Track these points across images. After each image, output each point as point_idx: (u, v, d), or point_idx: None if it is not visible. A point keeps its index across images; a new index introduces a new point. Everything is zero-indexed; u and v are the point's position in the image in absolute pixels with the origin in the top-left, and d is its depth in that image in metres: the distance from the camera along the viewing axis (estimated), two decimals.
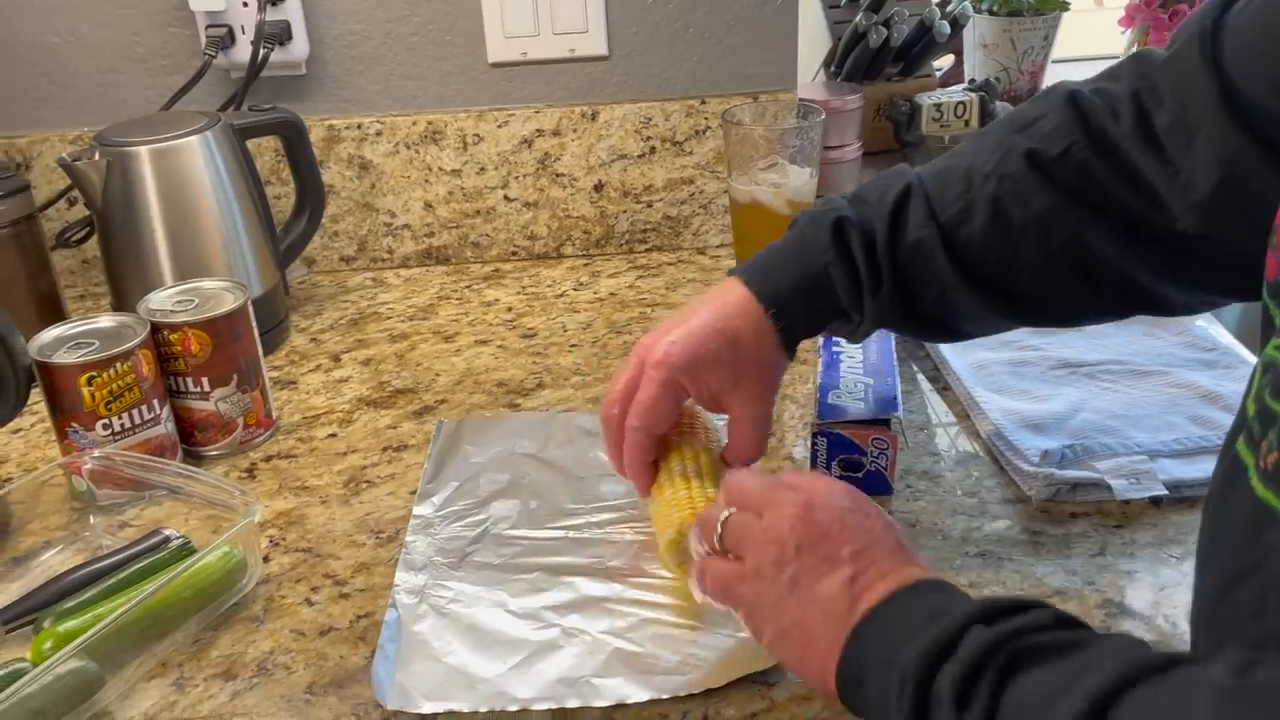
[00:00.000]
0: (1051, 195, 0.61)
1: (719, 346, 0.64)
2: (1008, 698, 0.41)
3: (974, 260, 0.63)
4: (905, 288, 0.64)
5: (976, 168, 0.63)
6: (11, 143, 1.08)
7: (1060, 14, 1.37)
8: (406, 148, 1.10)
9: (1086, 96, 0.61)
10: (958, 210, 0.63)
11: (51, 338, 0.76)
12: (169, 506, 0.74)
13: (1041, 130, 0.62)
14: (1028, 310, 0.66)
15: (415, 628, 0.63)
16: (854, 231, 0.64)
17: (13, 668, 0.58)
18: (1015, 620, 0.44)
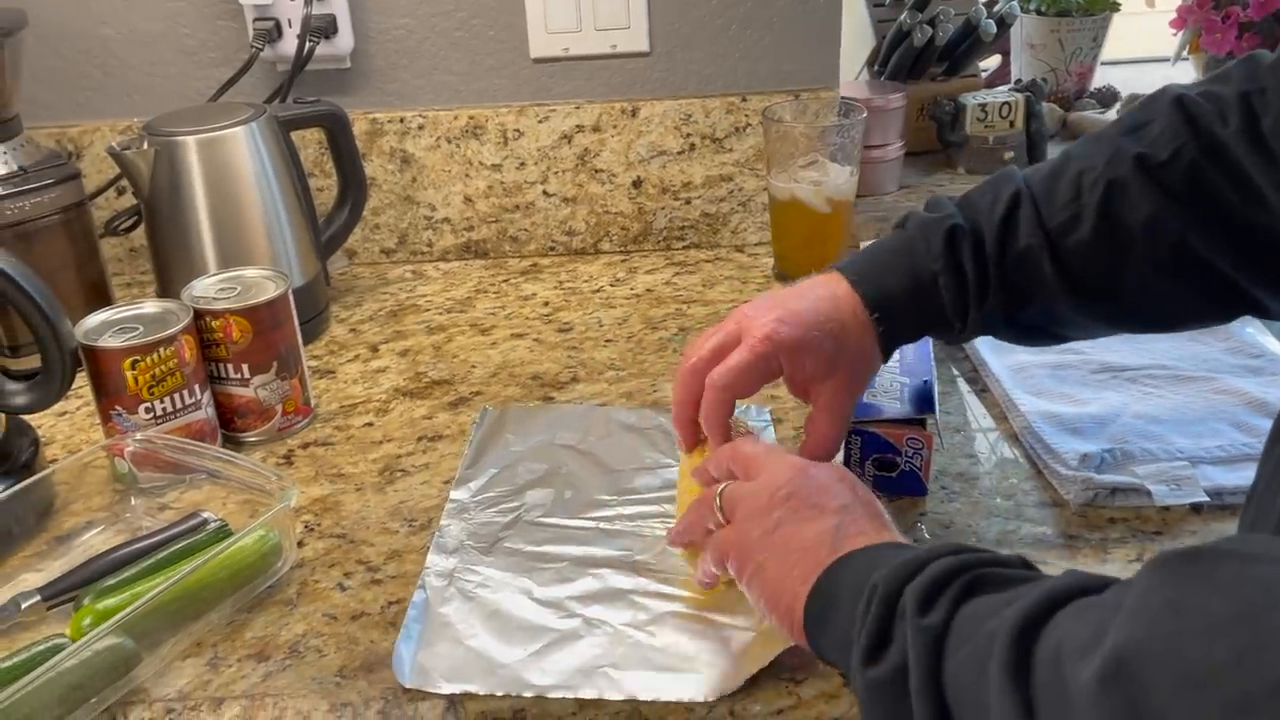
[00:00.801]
0: (1159, 200, 0.61)
1: (824, 336, 0.64)
2: (965, 607, 0.43)
3: (1080, 267, 0.63)
4: (1011, 297, 0.65)
5: (1085, 173, 0.63)
6: (64, 132, 1.10)
7: (1110, 15, 1.35)
8: (448, 142, 1.11)
9: (1194, 99, 0.61)
10: (1066, 218, 0.63)
11: (97, 322, 0.78)
12: (208, 490, 0.75)
13: (1150, 134, 0.62)
14: (1132, 316, 0.66)
15: (441, 609, 0.64)
16: (966, 241, 0.64)
17: (52, 643, 0.60)
18: (982, 553, 0.46)
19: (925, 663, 0.42)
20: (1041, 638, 0.38)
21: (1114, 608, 0.35)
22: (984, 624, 0.41)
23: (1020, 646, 0.38)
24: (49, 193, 0.92)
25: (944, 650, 0.42)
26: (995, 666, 0.38)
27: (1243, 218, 0.60)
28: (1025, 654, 0.38)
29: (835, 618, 0.50)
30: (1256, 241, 0.60)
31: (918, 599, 0.44)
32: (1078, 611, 0.38)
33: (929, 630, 0.43)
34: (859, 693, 0.47)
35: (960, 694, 0.41)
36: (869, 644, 0.46)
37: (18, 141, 0.93)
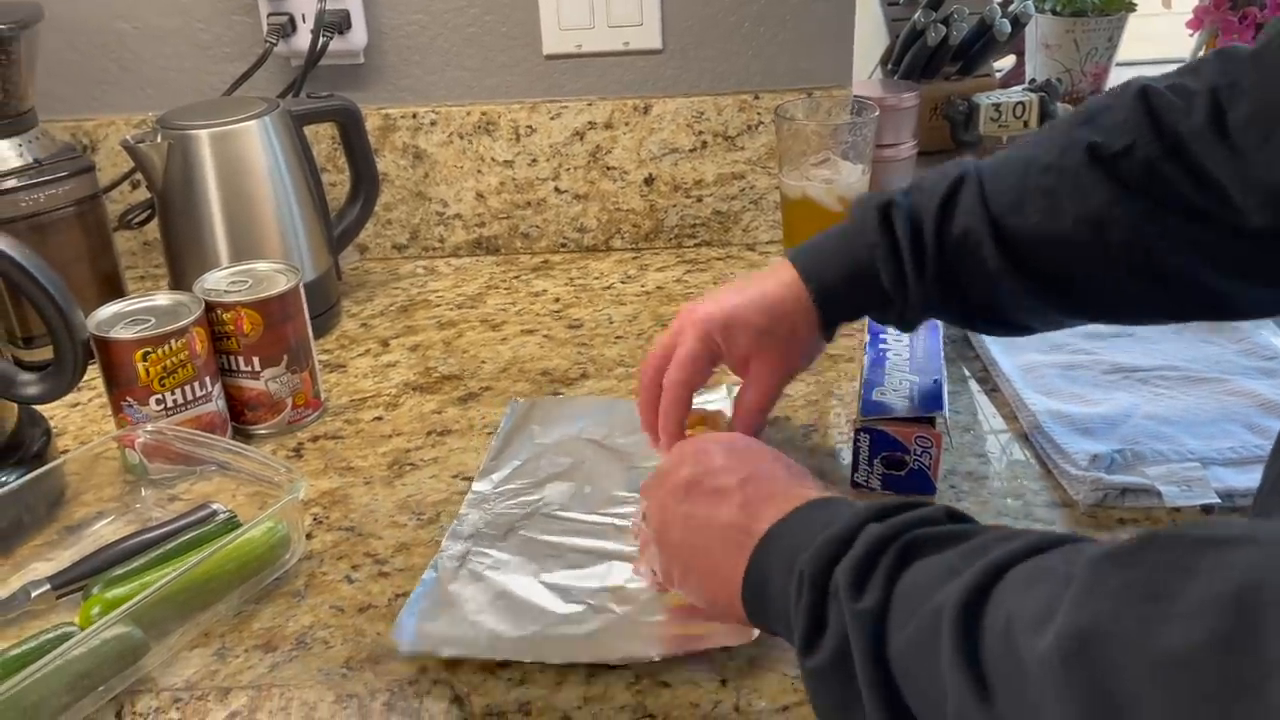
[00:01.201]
0: (1110, 191, 0.60)
1: (756, 313, 0.66)
2: (902, 582, 0.42)
3: (1026, 252, 0.62)
4: (952, 276, 0.64)
5: (1035, 159, 0.63)
6: (79, 125, 1.11)
7: (1126, 15, 1.35)
8: (460, 138, 1.11)
9: (1159, 92, 0.60)
10: (1010, 201, 0.62)
11: (109, 314, 0.78)
12: (217, 482, 0.75)
13: (1105, 124, 0.61)
14: (1085, 306, 0.65)
15: (450, 587, 0.65)
16: (900, 215, 0.64)
17: (61, 631, 0.60)
18: (907, 515, 0.46)
19: (867, 647, 0.42)
20: (989, 609, 0.37)
21: (1064, 579, 0.35)
22: (926, 600, 0.40)
23: (968, 621, 0.37)
24: (64, 185, 0.93)
25: (885, 631, 0.42)
26: (945, 645, 0.38)
27: (1202, 212, 0.59)
28: (973, 628, 0.37)
29: (772, 602, 0.50)
30: (1218, 235, 0.59)
31: (850, 580, 0.44)
32: (1025, 581, 0.37)
33: (866, 614, 0.42)
34: (803, 675, 0.46)
35: (908, 674, 0.41)
36: (805, 633, 0.45)
37: (33, 134, 0.94)
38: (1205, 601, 0.30)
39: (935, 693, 0.38)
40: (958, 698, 0.37)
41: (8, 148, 0.92)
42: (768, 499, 0.53)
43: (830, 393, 0.86)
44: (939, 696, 0.38)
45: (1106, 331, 0.88)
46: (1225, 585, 0.30)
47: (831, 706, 0.45)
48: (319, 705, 0.58)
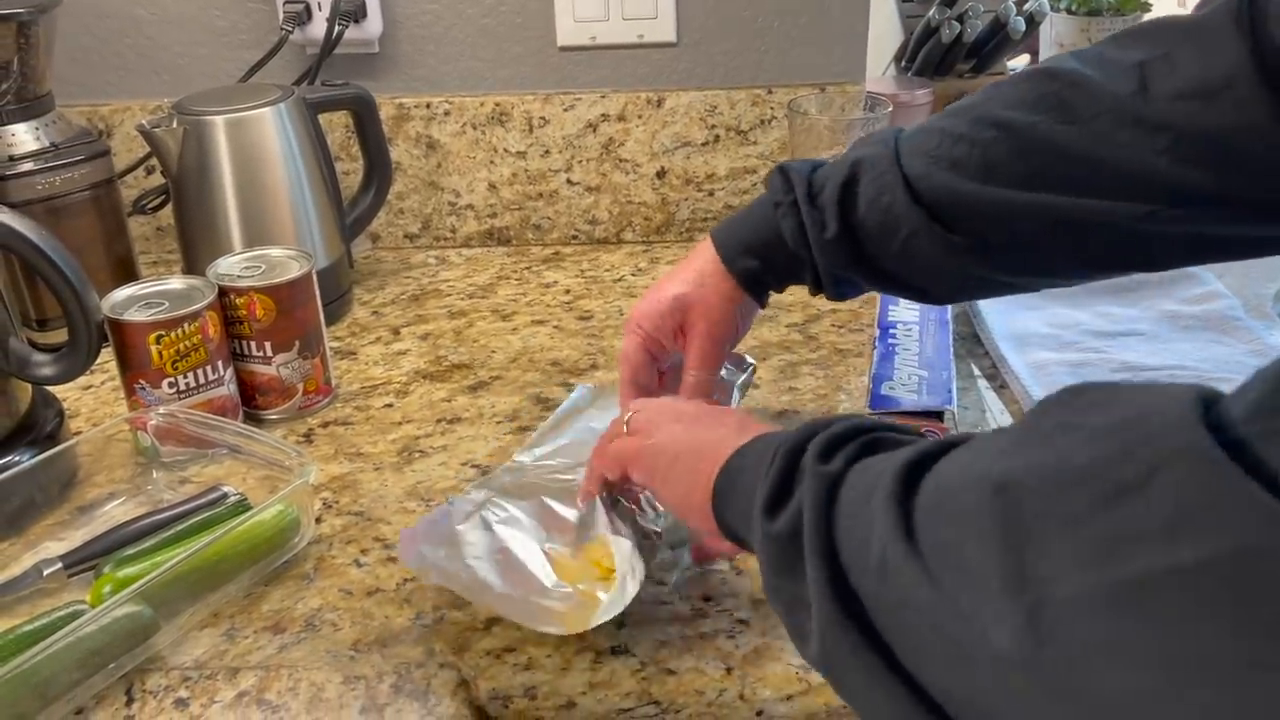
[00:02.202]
0: (1018, 172, 0.59)
1: (678, 289, 0.70)
2: (861, 463, 0.44)
3: (943, 209, 0.62)
4: (859, 232, 0.64)
5: (948, 128, 0.62)
6: (95, 110, 1.12)
7: (1141, 15, 1.34)
8: (473, 128, 1.12)
9: (1074, 69, 0.59)
10: (923, 164, 0.62)
11: (123, 296, 0.79)
12: (228, 465, 0.76)
13: (1013, 97, 0.60)
14: (1004, 266, 0.64)
15: (459, 526, 0.66)
16: (797, 175, 0.66)
17: (72, 609, 0.61)
18: (890, 423, 0.48)
19: (818, 504, 0.43)
20: (929, 473, 0.39)
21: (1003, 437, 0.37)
22: (879, 467, 0.42)
23: (906, 478, 0.39)
24: (79, 169, 0.93)
25: (837, 495, 0.43)
26: (879, 496, 0.39)
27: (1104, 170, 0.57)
28: (911, 484, 0.39)
29: (741, 487, 0.51)
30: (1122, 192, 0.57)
31: (818, 450, 0.46)
32: (966, 447, 0.39)
33: (826, 475, 0.44)
34: (757, 547, 0.47)
35: (846, 527, 0.42)
36: (769, 496, 0.46)
37: (50, 118, 0.94)
38: (1106, 424, 0.32)
39: (867, 537, 0.40)
40: (882, 536, 0.38)
41: (25, 131, 0.92)
42: (760, 428, 0.54)
43: (839, 387, 0.86)
44: (868, 539, 0.39)
45: (1116, 330, 0.88)
46: (1130, 410, 0.32)
47: (777, 570, 0.46)
48: (326, 686, 0.59)
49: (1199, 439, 0.29)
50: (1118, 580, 0.29)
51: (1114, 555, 0.29)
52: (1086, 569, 0.30)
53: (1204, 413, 0.29)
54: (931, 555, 0.36)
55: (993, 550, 0.33)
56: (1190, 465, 0.29)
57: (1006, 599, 0.32)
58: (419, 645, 0.61)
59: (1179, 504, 0.28)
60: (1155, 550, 0.28)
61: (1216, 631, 0.27)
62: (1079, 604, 0.30)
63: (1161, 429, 0.30)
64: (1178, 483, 0.29)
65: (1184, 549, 0.28)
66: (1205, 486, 0.28)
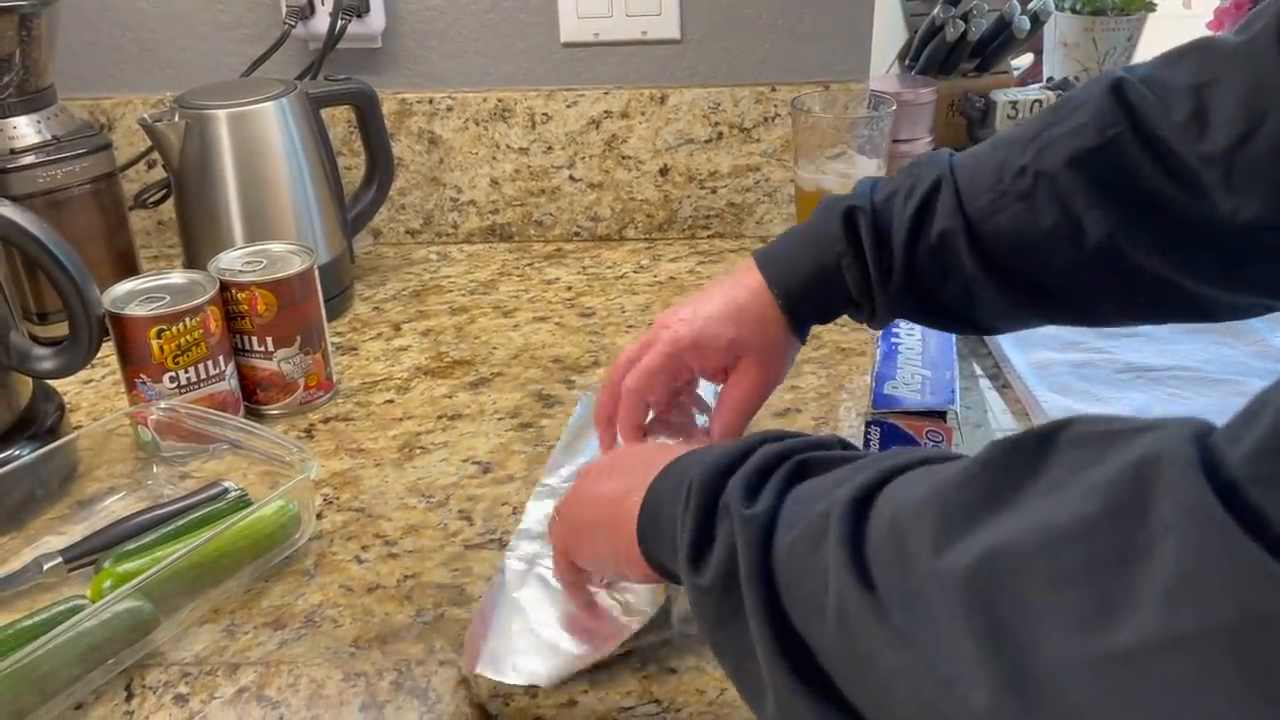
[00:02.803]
0: (1087, 191, 0.58)
1: (724, 327, 0.65)
2: (794, 491, 0.42)
3: (1002, 255, 0.61)
4: (922, 280, 0.63)
5: (1009, 161, 0.60)
6: (96, 104, 1.11)
7: (1146, 15, 1.34)
8: (476, 124, 1.11)
9: (1134, 85, 0.58)
10: (986, 203, 0.61)
11: (124, 291, 0.79)
12: (229, 461, 0.76)
13: (1079, 121, 0.59)
14: (1057, 308, 0.64)
15: (515, 594, 0.62)
16: (864, 220, 0.63)
17: (72, 603, 0.60)
18: (804, 439, 0.47)
19: (753, 554, 0.41)
20: (877, 503, 0.38)
21: (959, 471, 0.35)
22: (815, 503, 0.40)
23: (856, 513, 0.37)
24: (80, 162, 0.93)
25: (773, 537, 0.41)
26: (831, 536, 0.37)
27: (1179, 210, 0.56)
28: (861, 520, 0.37)
29: (663, 527, 0.48)
30: (1195, 236, 0.57)
31: (742, 490, 0.43)
32: (915, 479, 0.38)
33: (755, 520, 0.42)
34: (690, 600, 0.45)
35: (792, 577, 0.40)
36: (691, 545, 0.45)
37: (51, 111, 0.94)
38: (1100, 480, 0.30)
39: (817, 588, 0.38)
40: (839, 588, 0.36)
41: (27, 124, 0.92)
42: (670, 456, 0.52)
43: (841, 386, 0.86)
44: (820, 591, 0.38)
45: (1120, 330, 0.88)
46: (1124, 461, 0.30)
47: (716, 623, 0.44)
48: (326, 683, 0.58)
49: (1199, 496, 0.27)
50: (1113, 645, 0.28)
51: (1109, 618, 0.28)
52: (1076, 631, 0.29)
53: (1201, 459, 0.28)
54: (895, 608, 0.35)
55: (964, 608, 0.32)
56: (1191, 526, 0.27)
57: (985, 661, 0.31)
58: (419, 642, 0.61)
59: (1180, 567, 0.27)
60: (1154, 617, 0.27)
61: (1219, 700, 0.26)
62: (1069, 668, 0.29)
63: (1158, 485, 0.28)
64: (1177, 545, 0.27)
65: (1185, 615, 0.27)
66: (1207, 550, 0.27)
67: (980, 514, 0.33)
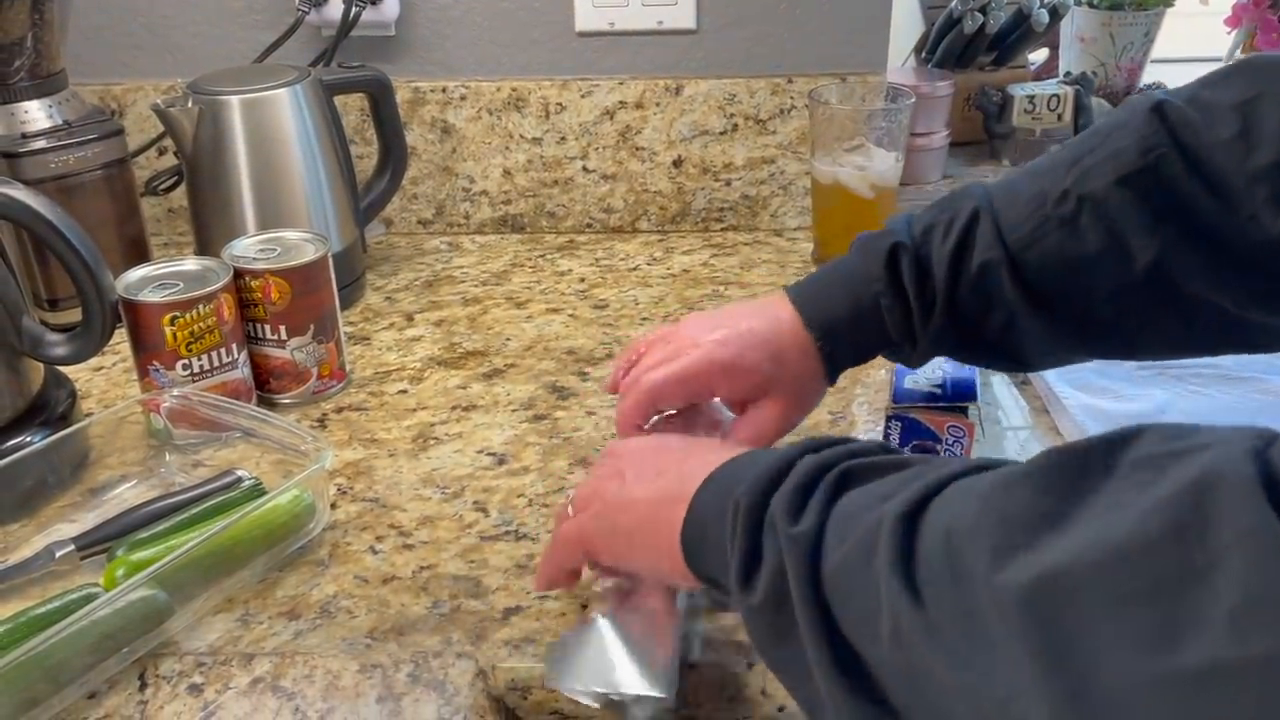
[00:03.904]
0: (1133, 215, 0.56)
1: (762, 358, 0.62)
2: (839, 505, 0.42)
3: (1046, 286, 0.59)
4: (965, 317, 0.61)
5: (1051, 186, 0.59)
6: (107, 90, 1.11)
7: (1164, 10, 1.33)
8: (489, 113, 1.10)
9: (1176, 107, 0.56)
10: (1028, 231, 0.59)
11: (138, 277, 0.78)
12: (242, 449, 0.75)
13: (1121, 143, 0.57)
14: (1106, 341, 0.62)
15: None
16: (907, 259, 0.61)
17: (85, 591, 0.60)
18: (841, 448, 0.46)
19: (802, 573, 0.41)
20: (928, 517, 0.37)
21: (1011, 479, 0.34)
22: (863, 518, 0.39)
23: (906, 528, 0.37)
24: (92, 148, 0.92)
25: (821, 552, 0.41)
26: (881, 553, 0.37)
27: (1227, 232, 0.55)
28: (911, 535, 0.37)
29: (710, 546, 0.48)
30: (1245, 259, 0.55)
31: (786, 508, 0.43)
32: (965, 491, 0.37)
33: (802, 537, 0.41)
34: (743, 620, 0.45)
35: (843, 595, 0.40)
36: (741, 567, 0.44)
37: (63, 96, 0.93)
38: (1162, 498, 0.29)
39: (870, 606, 0.37)
40: (892, 605, 0.36)
41: (38, 109, 0.91)
42: (703, 461, 0.51)
43: (858, 380, 0.85)
44: (874, 609, 0.37)
45: None
46: (1184, 479, 0.29)
47: (771, 642, 0.44)
48: (343, 674, 0.58)
49: (1261, 519, 0.27)
50: (1177, 666, 0.28)
51: (1173, 640, 0.28)
52: (1139, 652, 0.28)
53: (1262, 477, 0.28)
54: (951, 626, 0.34)
55: (1023, 626, 0.31)
56: (1255, 549, 0.27)
57: (1044, 680, 0.30)
58: (436, 634, 0.60)
59: (1246, 591, 0.27)
60: (1220, 640, 0.27)
61: None
62: (1131, 688, 0.29)
63: (1223, 504, 0.28)
64: (1245, 568, 0.27)
65: (1252, 639, 0.26)
66: (1272, 573, 0.26)
67: (1040, 530, 0.32)
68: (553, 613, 0.62)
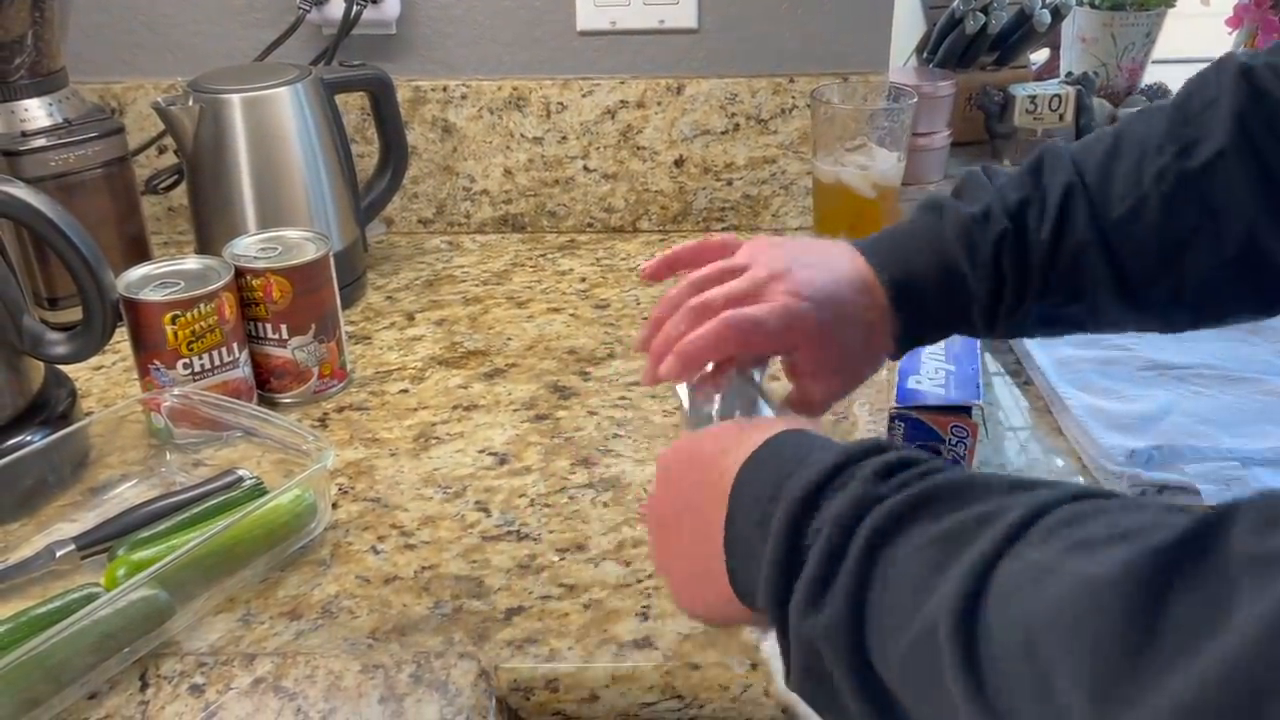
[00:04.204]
0: (1230, 190, 0.55)
1: (846, 330, 0.57)
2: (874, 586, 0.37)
3: (1139, 267, 0.57)
4: (1052, 298, 0.59)
5: (1147, 159, 0.56)
6: (107, 88, 1.10)
7: (1165, 11, 1.33)
8: (490, 113, 1.10)
9: (1262, 70, 0.55)
10: (1125, 210, 0.57)
11: (139, 276, 0.78)
12: (242, 449, 0.75)
13: (1215, 113, 0.55)
14: (1189, 315, 0.61)
15: None
16: (1008, 241, 0.58)
17: (86, 591, 0.60)
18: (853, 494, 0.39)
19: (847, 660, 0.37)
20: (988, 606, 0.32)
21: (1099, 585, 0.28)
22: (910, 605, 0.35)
23: (967, 635, 0.32)
24: (92, 146, 0.92)
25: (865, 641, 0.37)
26: (948, 665, 0.32)
27: None
28: (973, 643, 0.32)
29: (755, 594, 0.43)
30: None
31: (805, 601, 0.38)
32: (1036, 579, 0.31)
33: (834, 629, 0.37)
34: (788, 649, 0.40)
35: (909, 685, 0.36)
36: (783, 657, 0.40)
37: (63, 94, 0.93)
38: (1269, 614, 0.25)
39: (945, 708, 0.33)
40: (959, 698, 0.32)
41: (38, 107, 0.91)
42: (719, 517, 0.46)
43: None
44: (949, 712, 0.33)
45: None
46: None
47: (824, 706, 0.41)
48: (345, 675, 0.57)
49: None
50: None
51: None
52: None
53: None
54: None
55: None
56: None
57: None
58: (438, 635, 0.60)
59: None
60: None
61: None
62: None
63: None
64: None
65: None
66: None
67: (1146, 659, 0.27)
68: (555, 613, 0.61)
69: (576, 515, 0.70)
